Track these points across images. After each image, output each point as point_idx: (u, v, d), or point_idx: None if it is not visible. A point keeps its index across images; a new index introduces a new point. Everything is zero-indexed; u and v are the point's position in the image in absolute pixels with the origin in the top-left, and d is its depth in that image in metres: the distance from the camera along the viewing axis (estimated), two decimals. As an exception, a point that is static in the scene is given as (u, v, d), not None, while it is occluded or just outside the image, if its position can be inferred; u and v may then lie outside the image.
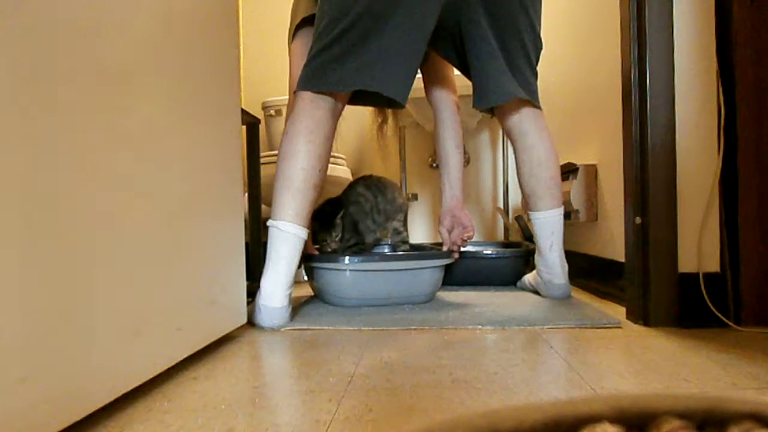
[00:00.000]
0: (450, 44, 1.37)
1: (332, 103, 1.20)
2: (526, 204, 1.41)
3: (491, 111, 1.42)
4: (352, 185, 1.56)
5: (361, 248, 1.53)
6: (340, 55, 1.17)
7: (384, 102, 1.29)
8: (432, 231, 2.50)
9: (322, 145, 1.18)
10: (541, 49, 1.37)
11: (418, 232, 2.48)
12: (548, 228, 1.36)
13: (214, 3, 0.94)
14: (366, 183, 1.55)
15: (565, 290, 1.38)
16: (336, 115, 1.22)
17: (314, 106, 1.18)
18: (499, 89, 1.30)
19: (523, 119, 1.35)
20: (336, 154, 1.94)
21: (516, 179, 2.38)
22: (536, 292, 1.48)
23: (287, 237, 1.13)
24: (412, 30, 1.19)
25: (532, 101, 1.33)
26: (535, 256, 1.44)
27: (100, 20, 0.61)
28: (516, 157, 1.40)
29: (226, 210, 0.98)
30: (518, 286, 1.61)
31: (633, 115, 1.12)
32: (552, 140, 1.37)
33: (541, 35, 1.36)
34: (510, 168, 2.35)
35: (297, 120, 1.18)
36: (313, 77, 1.18)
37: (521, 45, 1.31)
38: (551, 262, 1.37)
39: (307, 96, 1.19)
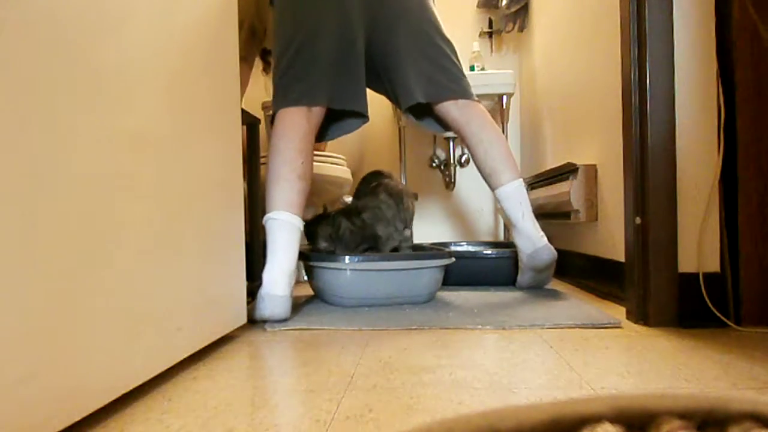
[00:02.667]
0: (372, 71, 1.48)
1: (305, 109, 1.29)
2: (489, 183, 1.50)
3: (441, 124, 1.54)
4: (374, 191, 1.54)
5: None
6: (297, 75, 1.30)
7: (353, 125, 1.44)
8: (432, 231, 2.50)
9: (302, 140, 1.27)
10: (452, 44, 1.50)
11: (418, 232, 2.47)
12: (515, 198, 1.44)
13: (213, 3, 0.95)
14: (387, 191, 1.53)
15: (551, 251, 1.44)
16: (312, 119, 1.31)
17: (289, 113, 1.29)
18: (422, 90, 1.42)
19: (462, 110, 1.46)
20: (336, 155, 1.94)
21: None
22: (533, 287, 1.52)
23: (281, 224, 1.18)
24: (347, 51, 1.34)
25: (466, 96, 1.46)
26: (513, 235, 1.49)
27: (100, 20, 0.61)
28: (468, 147, 1.50)
29: (226, 210, 0.98)
30: (516, 286, 1.61)
31: (633, 115, 1.12)
32: (494, 123, 1.49)
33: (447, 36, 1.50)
34: (510, 168, 2.35)
35: (276, 128, 1.30)
36: (280, 99, 1.31)
37: (438, 48, 1.46)
38: (527, 230, 1.43)
39: (282, 110, 1.30)
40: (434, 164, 2.47)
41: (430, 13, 1.48)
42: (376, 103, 1.81)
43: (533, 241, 1.43)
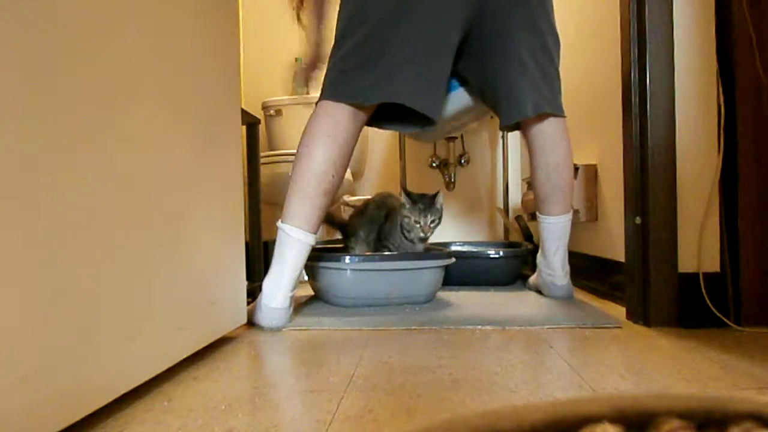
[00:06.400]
0: (469, 59, 1.31)
1: (354, 110, 1.15)
2: (537, 206, 1.40)
3: (516, 125, 1.38)
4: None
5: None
6: (360, 64, 1.13)
7: (411, 123, 1.24)
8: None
9: (340, 150, 1.14)
10: (560, 44, 1.34)
11: (418, 232, 2.47)
12: (557, 232, 1.36)
13: (214, 3, 0.94)
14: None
15: (567, 291, 1.39)
16: (358, 122, 1.17)
17: (336, 108, 1.14)
18: (528, 103, 1.26)
19: (546, 125, 1.31)
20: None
21: (516, 179, 2.38)
22: (540, 292, 1.49)
23: (293, 242, 1.13)
24: (434, 39, 1.15)
25: (563, 113, 1.32)
26: (538, 256, 1.45)
27: (101, 19, 0.61)
28: (532, 161, 1.36)
29: (226, 210, 0.98)
30: (526, 287, 1.60)
31: (633, 115, 1.12)
32: (570, 147, 1.34)
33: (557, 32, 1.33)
34: (510, 168, 2.35)
35: (316, 121, 1.15)
36: (333, 88, 1.15)
37: (547, 52, 1.28)
38: (554, 264, 1.38)
39: (330, 102, 1.15)
40: (434, 164, 2.47)
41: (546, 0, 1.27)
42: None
43: (554, 276, 1.38)
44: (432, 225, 1.42)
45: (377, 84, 1.12)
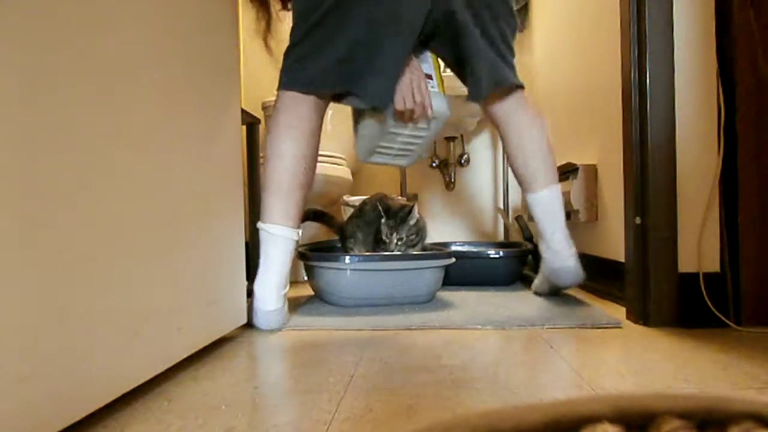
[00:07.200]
0: (442, 42, 1.28)
1: (314, 98, 1.14)
2: (523, 187, 1.33)
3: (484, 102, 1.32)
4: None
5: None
6: (311, 51, 1.12)
7: (356, 102, 1.22)
8: (432, 231, 2.50)
9: (307, 143, 1.14)
10: (516, 27, 1.31)
11: (418, 232, 2.47)
12: (549, 207, 1.28)
13: (214, 3, 0.94)
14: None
15: (578, 272, 1.28)
16: (320, 110, 1.17)
17: (296, 102, 1.13)
18: (488, 79, 1.23)
19: (508, 100, 1.28)
20: (336, 154, 1.94)
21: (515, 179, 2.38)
22: (550, 294, 1.42)
23: (276, 240, 1.12)
24: (388, 25, 1.14)
25: (515, 83, 1.28)
26: (540, 244, 1.34)
27: (101, 19, 0.61)
28: (505, 141, 1.32)
29: (226, 210, 0.98)
30: (533, 293, 1.49)
31: (633, 115, 1.12)
32: (540, 117, 1.30)
33: (515, 12, 1.30)
34: (510, 168, 2.35)
35: (279, 118, 1.14)
36: (288, 77, 1.15)
37: (500, 32, 1.25)
38: (557, 245, 1.27)
39: (287, 92, 1.15)
40: (434, 164, 2.47)
41: None
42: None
43: (560, 257, 1.27)
44: (399, 242, 1.41)
45: (328, 73, 1.11)
